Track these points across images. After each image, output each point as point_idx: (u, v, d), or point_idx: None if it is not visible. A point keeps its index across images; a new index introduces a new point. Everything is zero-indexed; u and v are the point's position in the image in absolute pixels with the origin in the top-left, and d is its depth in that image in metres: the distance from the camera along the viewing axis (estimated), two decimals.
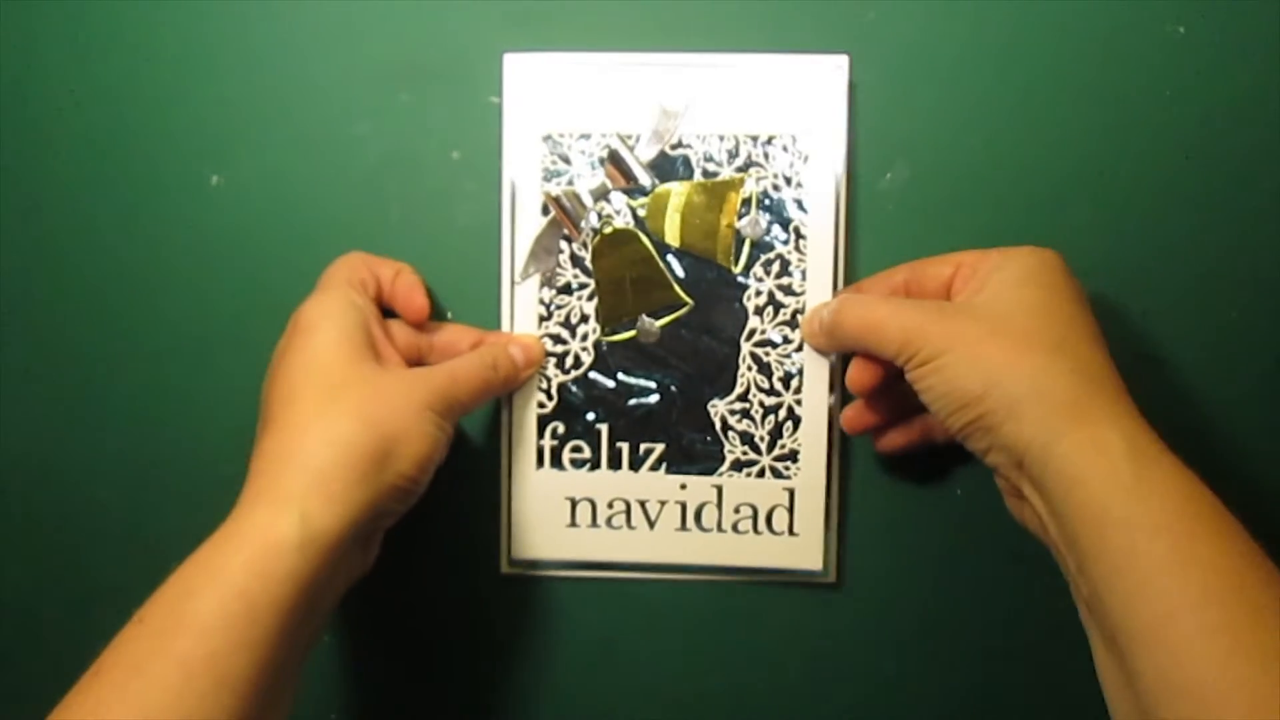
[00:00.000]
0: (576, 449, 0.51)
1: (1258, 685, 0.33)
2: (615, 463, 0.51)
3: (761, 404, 0.51)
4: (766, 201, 0.50)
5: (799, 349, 0.50)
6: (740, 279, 0.50)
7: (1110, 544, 0.37)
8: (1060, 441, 0.39)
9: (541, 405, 0.51)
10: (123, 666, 0.36)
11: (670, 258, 0.50)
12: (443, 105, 0.50)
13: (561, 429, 0.51)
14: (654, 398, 0.51)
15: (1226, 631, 0.34)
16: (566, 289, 0.50)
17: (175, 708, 0.35)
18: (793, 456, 0.51)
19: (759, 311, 0.50)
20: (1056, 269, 0.44)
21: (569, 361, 0.51)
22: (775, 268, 0.50)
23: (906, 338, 0.43)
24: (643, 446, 0.51)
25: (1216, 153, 0.50)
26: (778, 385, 0.51)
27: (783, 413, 0.51)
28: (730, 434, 0.51)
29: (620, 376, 0.51)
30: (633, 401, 0.51)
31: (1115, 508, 0.37)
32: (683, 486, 0.51)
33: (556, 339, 0.51)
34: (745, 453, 0.51)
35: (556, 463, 0.51)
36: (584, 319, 0.51)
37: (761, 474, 0.51)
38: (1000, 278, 0.44)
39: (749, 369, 0.51)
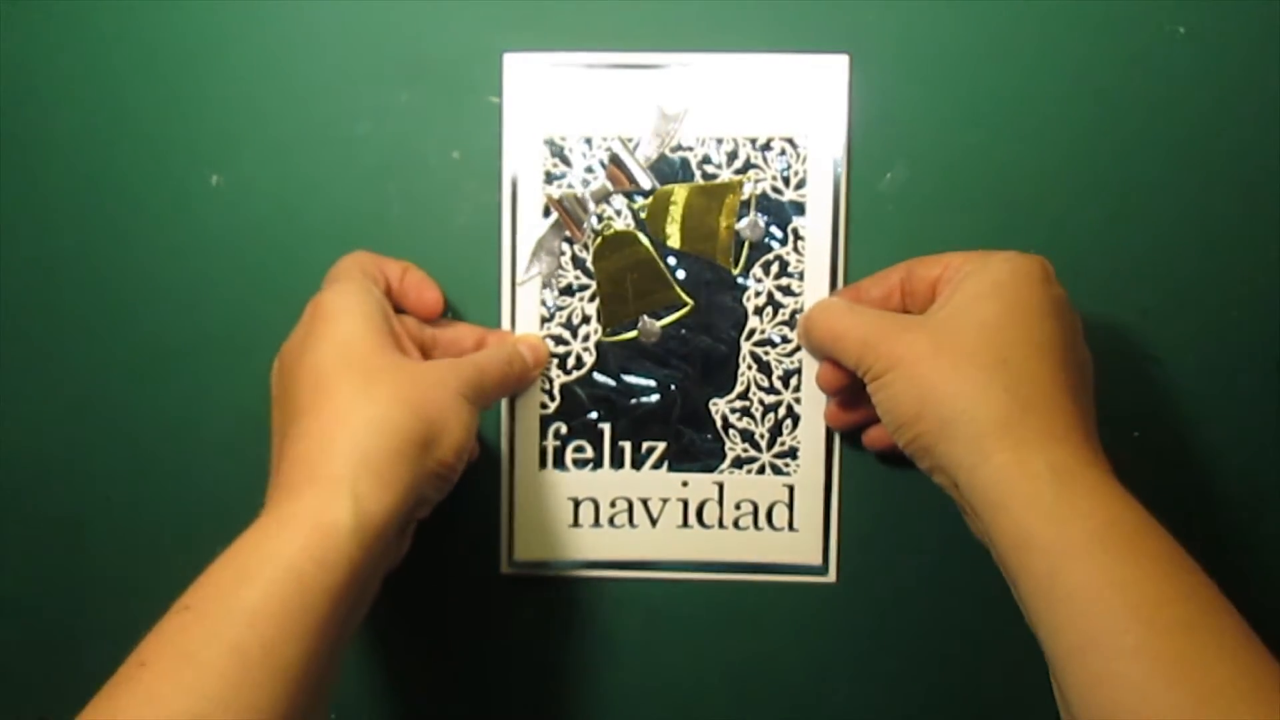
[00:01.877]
0: (579, 449, 0.51)
1: (1178, 708, 0.33)
2: (618, 461, 0.51)
3: (761, 402, 0.51)
4: (765, 203, 0.50)
5: (799, 348, 0.51)
6: (740, 280, 0.50)
7: (1033, 569, 0.37)
8: (986, 464, 0.39)
9: (544, 406, 0.51)
10: (171, 656, 0.34)
11: (671, 259, 0.50)
12: (443, 105, 0.50)
13: (564, 429, 0.51)
14: (656, 397, 0.51)
15: (1144, 654, 0.34)
16: (568, 290, 0.51)
17: (234, 698, 0.33)
18: (792, 453, 0.51)
19: (758, 311, 0.50)
20: (1027, 280, 0.42)
21: (571, 362, 0.51)
22: (774, 268, 0.50)
23: (861, 352, 0.43)
24: (645, 445, 0.51)
25: (1216, 153, 0.50)
26: (777, 384, 0.51)
27: (782, 410, 0.51)
28: (731, 432, 0.51)
29: (622, 376, 0.51)
30: (635, 401, 0.51)
31: (1037, 533, 0.37)
32: (684, 484, 0.51)
33: (559, 340, 0.51)
34: (746, 450, 0.51)
35: (559, 463, 0.51)
36: (586, 320, 0.51)
37: (761, 471, 0.51)
38: (966, 288, 0.43)
39: (749, 368, 0.51)
